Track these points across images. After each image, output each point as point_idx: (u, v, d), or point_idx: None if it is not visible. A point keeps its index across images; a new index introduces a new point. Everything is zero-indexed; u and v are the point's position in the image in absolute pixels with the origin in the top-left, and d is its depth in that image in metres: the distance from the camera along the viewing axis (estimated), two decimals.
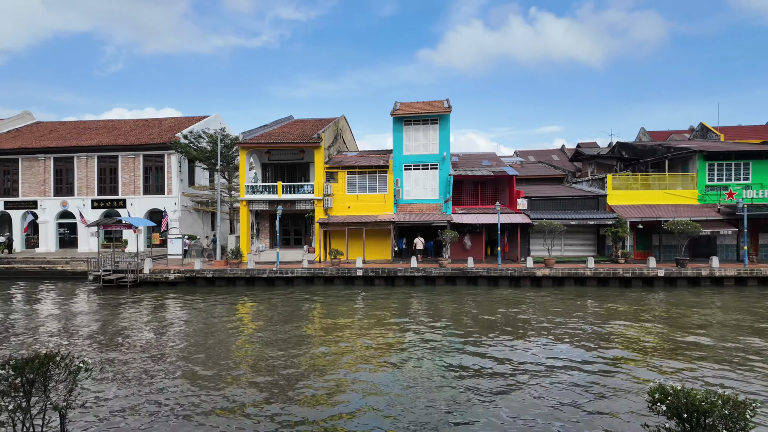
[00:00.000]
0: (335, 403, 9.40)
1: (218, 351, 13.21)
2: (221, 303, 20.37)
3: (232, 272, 24.59)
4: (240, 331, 15.77)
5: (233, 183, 34.48)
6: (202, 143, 33.92)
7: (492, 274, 23.59)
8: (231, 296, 21.96)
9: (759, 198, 26.38)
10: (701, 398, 4.60)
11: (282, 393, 9.98)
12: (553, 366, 11.59)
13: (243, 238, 29.33)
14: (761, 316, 16.72)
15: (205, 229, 36.95)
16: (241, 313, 18.63)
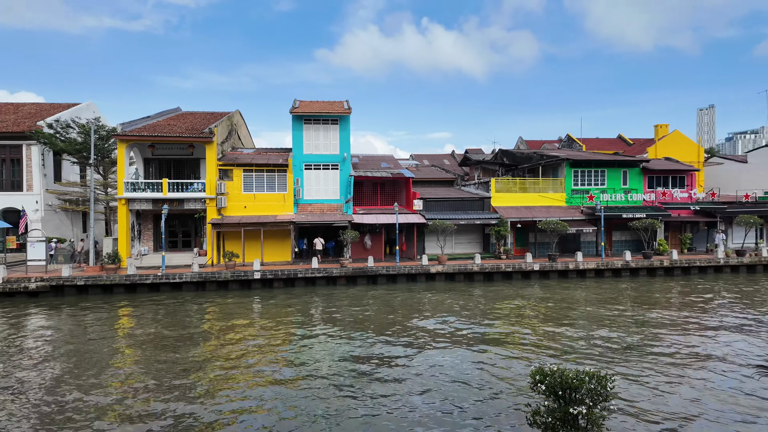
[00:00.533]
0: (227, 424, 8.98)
1: (85, 374, 11.79)
2: (94, 314, 18.16)
3: (109, 279, 22.06)
4: (115, 348, 14.24)
5: (110, 179, 30.90)
6: (71, 134, 29.84)
7: (391, 272, 24.36)
8: (107, 306, 19.70)
9: (612, 201, 30.93)
10: (572, 376, 5.31)
11: (161, 419, 9.25)
12: (449, 354, 12.37)
13: (122, 240, 26.44)
14: (615, 301, 19.63)
15: (75, 231, 32.56)
16: (117, 325, 16.81)
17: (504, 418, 8.68)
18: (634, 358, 12.07)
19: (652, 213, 29.78)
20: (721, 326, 15.42)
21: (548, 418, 5.12)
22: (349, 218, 27.12)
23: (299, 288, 23.40)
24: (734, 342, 13.55)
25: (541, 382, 5.48)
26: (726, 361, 11.85)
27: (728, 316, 16.74)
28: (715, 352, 12.66)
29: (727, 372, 11.01)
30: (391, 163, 35.56)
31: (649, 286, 23.49)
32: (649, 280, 25.38)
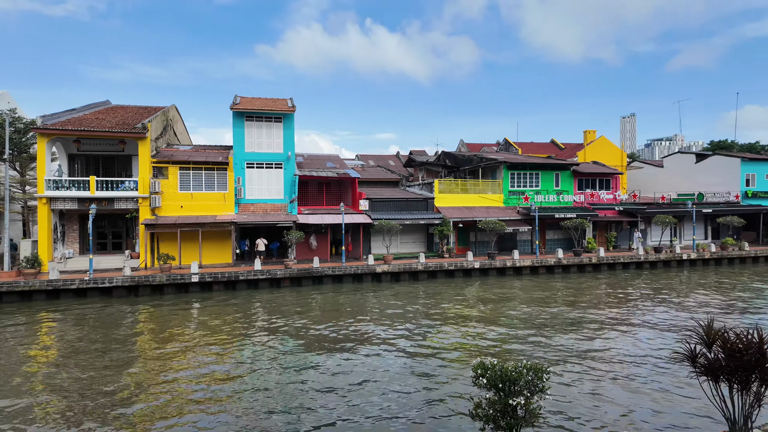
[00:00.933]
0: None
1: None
2: (9, 325, 16.61)
3: (28, 284, 20.24)
4: (28, 364, 13.13)
5: (28, 176, 28.31)
6: None
7: (337, 273, 24.28)
8: (25, 315, 18.07)
9: (546, 202, 32.77)
10: (511, 369, 5.61)
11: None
12: (394, 354, 12.57)
13: (43, 242, 24.32)
14: (549, 297, 20.83)
15: None
16: (34, 337, 15.49)
17: (448, 413, 8.98)
18: (566, 349, 12.90)
19: (581, 213, 31.90)
20: (641, 317, 16.83)
21: (489, 410, 5.38)
22: (293, 218, 26.70)
23: (241, 291, 22.72)
24: (652, 331, 14.85)
25: (482, 376, 5.73)
26: (645, 348, 12.98)
27: (647, 307, 18.31)
28: (635, 340, 13.82)
29: (646, 358, 12.07)
30: (337, 163, 35.44)
31: (579, 281, 25.14)
32: (580, 275, 27.17)
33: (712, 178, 40.23)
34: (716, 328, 6.03)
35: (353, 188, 31.15)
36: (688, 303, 19.16)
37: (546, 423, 7.60)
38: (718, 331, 5.98)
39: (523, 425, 5.28)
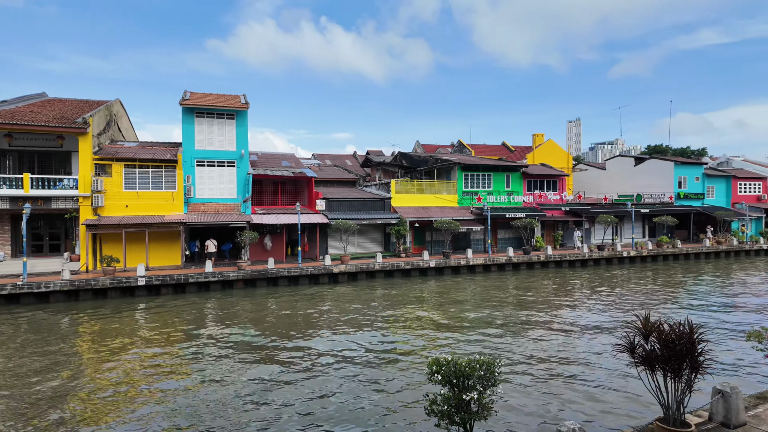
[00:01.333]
0: None
1: None
2: None
3: None
4: None
5: None
6: None
7: (293, 274, 23.92)
8: None
9: (497, 202, 33.84)
10: (465, 365, 5.77)
11: None
12: (351, 353, 12.56)
13: None
14: (500, 294, 21.51)
15: None
16: None
17: (404, 411, 9.08)
18: (516, 344, 13.39)
19: (530, 213, 33.18)
20: (586, 312, 17.75)
21: (444, 406, 5.50)
22: (247, 218, 26.04)
23: (191, 294, 21.91)
24: (596, 324, 15.70)
25: (437, 373, 5.84)
26: (590, 341, 13.71)
27: (592, 302, 19.32)
28: (581, 334, 14.56)
29: (591, 350, 12.75)
30: (293, 162, 34.91)
31: (529, 278, 26.14)
32: (529, 273, 28.25)
33: (649, 180, 43.01)
34: (653, 321, 6.47)
35: (309, 188, 30.81)
36: (629, 298, 20.40)
37: (497, 415, 7.86)
38: (654, 323, 6.41)
39: (476, 419, 5.44)
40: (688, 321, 6.26)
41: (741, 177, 44.12)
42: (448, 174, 35.21)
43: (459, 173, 34.00)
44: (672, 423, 6.12)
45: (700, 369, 5.96)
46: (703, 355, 5.97)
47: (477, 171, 34.67)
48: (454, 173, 34.29)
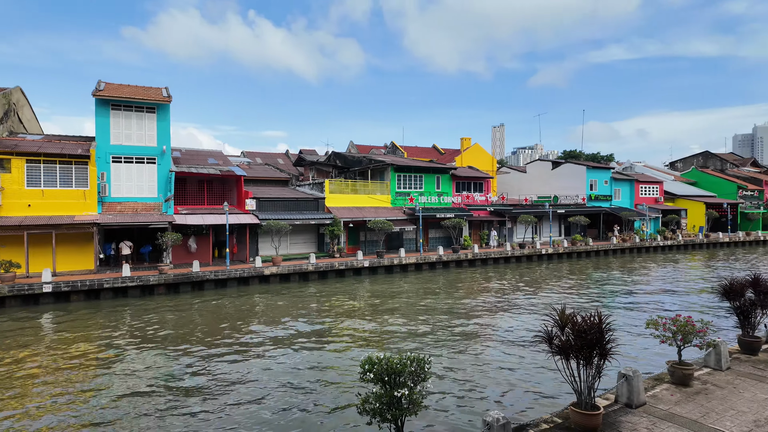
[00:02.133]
0: None
1: None
2: None
3: None
4: None
5: None
6: None
7: (220, 277, 22.91)
8: None
9: (428, 203, 34.81)
10: (396, 362, 5.88)
11: None
12: (283, 357, 12.29)
13: None
14: (431, 291, 22.14)
15: None
16: None
17: (337, 411, 9.06)
18: (446, 339, 13.87)
19: (459, 213, 34.51)
20: (509, 305, 18.80)
21: (376, 404, 5.56)
22: (169, 219, 24.54)
23: (106, 301, 20.24)
24: (519, 317, 16.68)
25: (369, 371, 5.89)
26: (512, 333, 14.54)
27: (515, 296, 20.50)
28: (505, 326, 15.40)
29: (513, 341, 13.53)
30: (220, 159, 33.45)
31: (457, 275, 27.17)
32: (458, 270, 29.36)
33: (564, 182, 46.45)
34: (568, 314, 7.01)
35: (239, 187, 29.69)
36: (547, 292, 21.89)
37: (427, 410, 8.10)
38: (569, 315, 6.95)
39: (407, 414, 5.56)
40: (598, 312, 6.85)
41: (642, 181, 49.04)
42: (381, 175, 35.60)
43: (392, 174, 34.51)
44: (584, 407, 6.67)
45: (608, 356, 6.55)
46: (611, 343, 6.58)
47: (409, 172, 35.41)
48: (388, 174, 34.75)
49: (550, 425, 6.87)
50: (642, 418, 6.98)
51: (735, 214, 51.25)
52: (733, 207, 50.96)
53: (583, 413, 6.59)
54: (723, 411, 7.15)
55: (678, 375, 8.32)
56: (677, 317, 8.28)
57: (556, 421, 6.98)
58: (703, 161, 67.83)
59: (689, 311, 17.12)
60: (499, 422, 5.86)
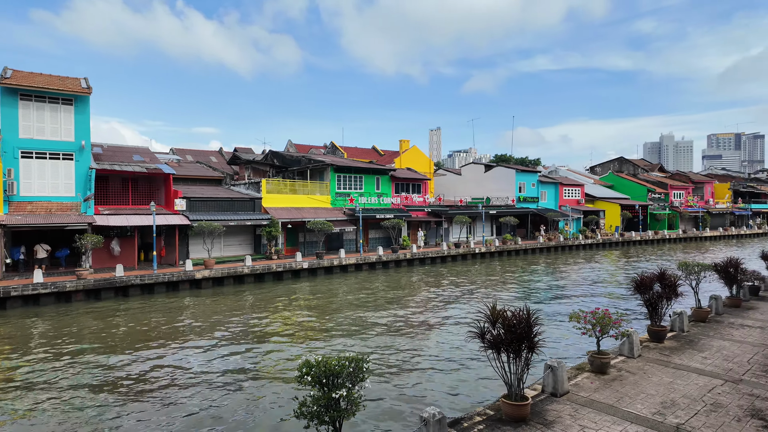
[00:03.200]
0: None
1: None
2: None
3: None
4: None
5: None
6: None
7: (146, 281, 21.51)
8: None
9: (368, 203, 34.99)
10: (335, 363, 5.85)
11: None
12: (216, 365, 11.79)
13: None
14: (372, 291, 22.27)
15: None
16: None
17: (274, 418, 8.85)
18: (383, 337, 14.02)
19: (398, 214, 35.01)
20: (445, 301, 19.37)
21: (314, 406, 5.51)
22: (89, 220, 22.67)
23: (14, 310, 18.30)
24: (456, 314, 17.22)
25: (307, 374, 5.81)
26: (450, 329, 14.99)
27: (451, 294, 21.15)
28: (440, 322, 15.84)
29: (452, 337, 13.96)
30: (147, 156, 31.44)
31: (397, 275, 27.55)
32: (397, 270, 29.78)
33: (496, 185, 48.66)
34: (499, 309, 7.35)
35: (167, 186, 28.06)
36: (481, 289, 22.81)
37: (365, 410, 8.15)
38: (500, 311, 7.29)
39: (345, 416, 5.56)
40: (526, 307, 7.25)
41: (566, 184, 52.54)
42: (321, 175, 35.26)
43: (332, 174, 34.29)
44: (514, 398, 7.03)
45: (535, 348, 6.95)
46: (538, 336, 6.99)
47: (349, 173, 35.37)
48: (327, 174, 34.48)
49: (483, 417, 7.17)
50: (566, 405, 7.48)
51: (645, 215, 56.39)
52: (643, 208, 56.02)
53: (513, 404, 6.94)
54: (635, 395, 7.85)
55: (597, 364, 9.00)
56: (596, 310, 8.96)
57: (489, 413, 7.30)
58: (619, 166, 73.97)
59: (607, 304, 18.61)
60: (434, 417, 6.03)
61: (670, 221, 58.97)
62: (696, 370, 9.03)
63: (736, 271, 14.80)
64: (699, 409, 7.23)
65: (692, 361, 9.58)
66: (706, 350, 10.31)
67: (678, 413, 7.08)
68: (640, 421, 6.85)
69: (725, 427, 6.59)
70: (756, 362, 9.45)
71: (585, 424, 6.75)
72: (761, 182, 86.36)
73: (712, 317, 13.51)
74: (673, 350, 10.34)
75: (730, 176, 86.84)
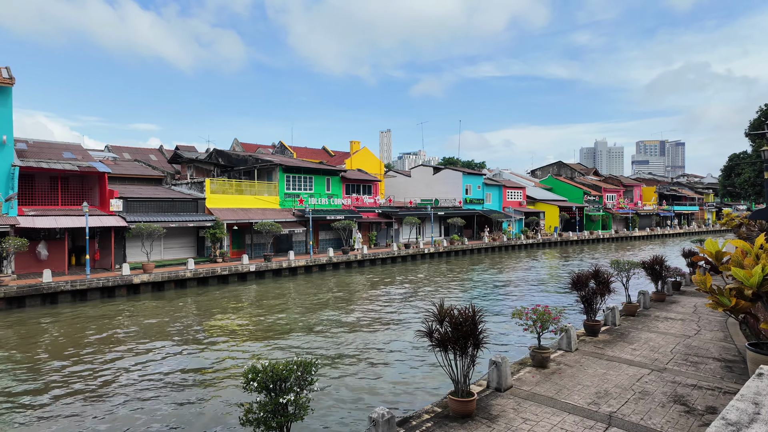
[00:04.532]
0: None
1: None
2: None
3: None
4: None
5: None
6: None
7: (78, 287, 20.05)
8: None
9: (318, 204, 34.62)
10: (282, 368, 5.73)
11: None
12: (156, 376, 11.20)
13: None
14: (321, 293, 22.04)
15: None
16: None
17: (220, 427, 8.54)
18: (333, 339, 13.93)
19: (349, 215, 34.91)
20: (395, 301, 19.54)
21: (260, 412, 5.37)
22: (11, 221, 20.80)
23: None
24: (406, 313, 17.40)
25: (253, 380, 5.66)
26: (399, 329, 15.13)
27: (401, 294, 21.37)
28: (392, 323, 15.96)
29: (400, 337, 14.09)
30: (79, 153, 29.34)
31: (347, 276, 27.46)
32: (348, 271, 29.68)
33: (444, 187, 49.79)
34: (446, 308, 7.51)
35: (101, 185, 26.32)
36: (430, 288, 23.22)
37: (314, 413, 8.06)
38: (447, 310, 7.45)
39: (293, 420, 5.47)
40: (472, 306, 7.47)
41: (509, 186, 54.70)
42: (269, 175, 34.46)
43: (281, 174, 33.62)
44: (460, 394, 7.21)
45: (480, 345, 7.17)
46: (483, 334, 7.21)
47: (299, 173, 34.84)
48: (276, 174, 33.76)
49: (431, 415, 7.29)
50: (509, 399, 7.77)
51: (581, 216, 59.84)
52: (580, 210, 59.42)
53: (459, 400, 7.12)
54: (572, 386, 8.29)
55: (538, 358, 9.43)
56: (537, 307, 9.39)
57: (437, 411, 7.44)
58: (557, 170, 77.99)
59: (547, 301, 19.55)
60: (383, 417, 6.06)
61: (604, 222, 62.95)
62: (626, 361, 9.69)
63: (661, 268, 16.06)
64: (629, 397, 7.76)
65: (623, 352, 10.27)
66: (635, 342, 11.08)
67: (610, 402, 7.56)
68: (577, 411, 7.25)
69: (651, 413, 7.11)
70: (678, 352, 10.29)
71: (527, 417, 7.05)
72: (682, 186, 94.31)
73: (641, 311, 14.55)
74: (607, 343, 11.04)
75: (656, 180, 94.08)
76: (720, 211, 79.56)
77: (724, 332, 11.95)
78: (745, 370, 8.80)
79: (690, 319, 13.40)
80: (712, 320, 13.23)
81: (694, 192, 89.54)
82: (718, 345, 10.80)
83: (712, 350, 10.38)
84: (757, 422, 1.94)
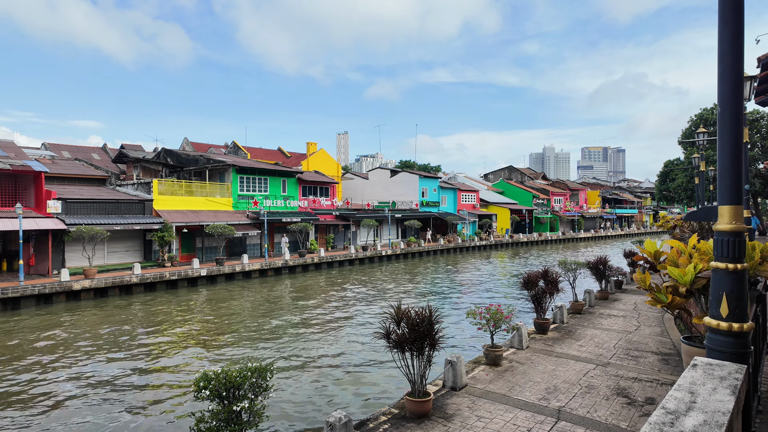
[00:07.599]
0: None
1: None
2: None
3: None
4: None
5: None
6: None
7: (10, 295, 18.55)
8: None
9: (274, 206, 33.92)
10: (236, 374, 5.55)
11: None
12: (97, 389, 10.54)
13: None
14: (276, 298, 21.58)
15: None
16: None
17: None
18: (289, 344, 13.67)
19: (306, 217, 34.45)
20: (352, 304, 19.45)
21: (213, 421, 5.17)
22: None
23: None
24: (364, 315, 17.36)
25: (205, 388, 5.46)
26: (358, 332, 15.08)
27: (359, 296, 21.30)
28: (347, 325, 15.87)
29: (359, 339, 14.03)
30: (12, 151, 27.23)
31: (304, 280, 27.06)
32: (304, 274, 29.26)
33: (401, 189, 50.24)
34: (403, 309, 7.56)
35: (38, 185, 24.54)
36: (387, 289, 23.31)
37: (269, 419, 7.88)
38: (404, 311, 7.50)
39: (247, 428, 5.31)
40: (428, 306, 7.56)
41: (463, 189, 55.98)
42: (221, 176, 33.42)
43: (234, 175, 32.68)
44: (417, 395, 7.27)
45: (436, 345, 7.26)
46: (439, 334, 7.31)
47: (253, 174, 34.01)
48: (229, 175, 32.79)
49: (388, 416, 7.30)
50: (464, 398, 7.92)
51: (531, 219, 62.17)
52: (530, 212, 61.74)
53: (415, 401, 7.17)
54: (524, 383, 8.57)
55: (491, 357, 9.67)
56: (490, 306, 9.64)
57: (394, 412, 7.46)
58: (508, 174, 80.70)
59: (499, 300, 20.13)
60: (341, 421, 6.00)
61: (552, 224, 65.74)
62: (574, 357, 10.13)
63: (605, 267, 16.95)
64: (576, 391, 8.11)
65: (571, 349, 10.73)
66: (582, 339, 11.62)
67: (559, 397, 7.87)
68: (528, 407, 7.49)
69: (597, 406, 7.47)
70: (620, 347, 10.88)
71: (481, 414, 7.21)
72: (623, 190, 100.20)
73: (587, 309, 15.28)
74: (556, 340, 11.50)
75: (600, 185, 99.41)
76: (657, 214, 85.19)
77: (661, 327, 12.76)
78: (680, 362, 9.43)
79: (631, 316, 14.21)
80: (651, 316, 14.09)
81: (633, 196, 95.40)
82: (655, 339, 11.52)
83: (651, 344, 11.05)
84: (694, 410, 2.07)
